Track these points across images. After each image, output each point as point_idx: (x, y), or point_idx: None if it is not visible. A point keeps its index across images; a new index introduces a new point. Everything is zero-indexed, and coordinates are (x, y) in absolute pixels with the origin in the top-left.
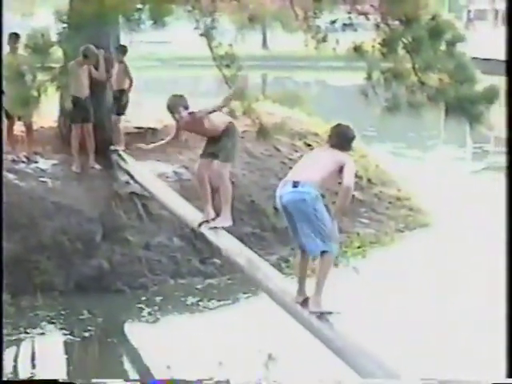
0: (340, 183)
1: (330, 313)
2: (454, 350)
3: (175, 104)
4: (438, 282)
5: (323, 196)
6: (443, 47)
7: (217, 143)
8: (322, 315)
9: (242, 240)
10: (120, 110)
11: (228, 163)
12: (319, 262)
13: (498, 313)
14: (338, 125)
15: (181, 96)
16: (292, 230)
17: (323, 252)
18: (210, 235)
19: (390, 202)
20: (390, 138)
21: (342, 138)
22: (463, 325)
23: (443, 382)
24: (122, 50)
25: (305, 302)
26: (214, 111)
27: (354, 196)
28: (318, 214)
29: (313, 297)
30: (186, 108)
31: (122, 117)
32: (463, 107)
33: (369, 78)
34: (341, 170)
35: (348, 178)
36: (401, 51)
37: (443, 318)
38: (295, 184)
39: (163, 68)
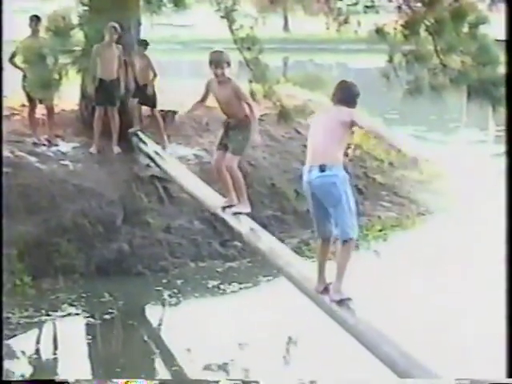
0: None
1: (351, 299)
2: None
3: (220, 59)
4: (460, 266)
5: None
6: (466, 29)
7: (230, 134)
8: (342, 302)
9: (262, 223)
10: (148, 102)
11: (237, 156)
12: (341, 248)
13: None
14: (343, 81)
15: (223, 52)
16: (317, 217)
17: (346, 240)
18: (232, 221)
19: (411, 186)
20: (412, 121)
21: (346, 93)
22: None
23: (475, 382)
24: (144, 44)
25: (325, 290)
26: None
27: (375, 179)
28: (348, 198)
29: (334, 284)
30: (229, 65)
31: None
32: (486, 90)
33: (390, 60)
34: (352, 125)
35: (368, 128)
36: (423, 33)
37: (463, 301)
38: (322, 168)
39: (184, 51)
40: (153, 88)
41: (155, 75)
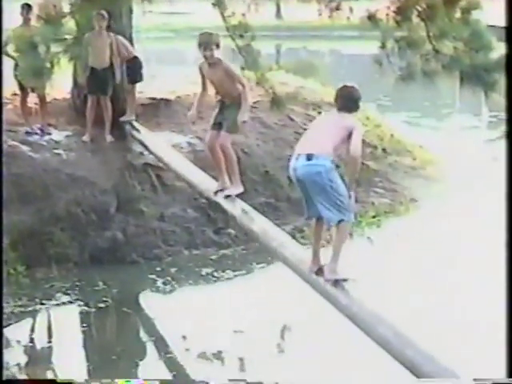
0: (345, 147)
1: (346, 280)
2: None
3: (208, 41)
4: (453, 252)
5: (338, 166)
6: (458, 15)
7: (224, 113)
8: (337, 282)
9: (256, 210)
10: (133, 78)
11: (230, 135)
12: (335, 230)
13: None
14: (344, 86)
15: (212, 33)
16: (307, 202)
17: (340, 221)
18: (225, 204)
19: (405, 172)
20: (405, 107)
21: (348, 100)
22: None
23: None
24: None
25: (320, 270)
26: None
27: (368, 166)
28: (334, 185)
29: (329, 264)
30: (218, 46)
31: (138, 87)
32: (478, 75)
33: (383, 46)
34: (350, 135)
35: (355, 147)
36: (415, 19)
37: (455, 288)
38: (309, 157)
39: (177, 39)
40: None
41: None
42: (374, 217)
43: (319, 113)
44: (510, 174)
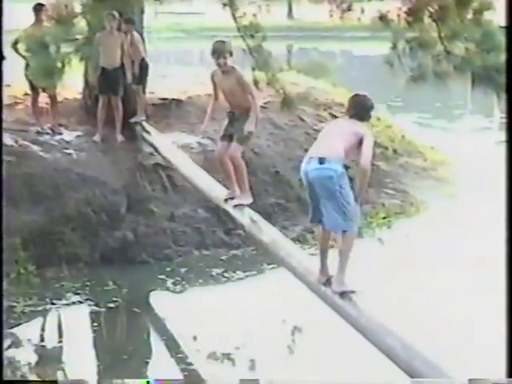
0: (355, 154)
1: (354, 292)
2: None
3: (222, 49)
4: (463, 254)
5: (348, 167)
6: (470, 15)
7: (234, 124)
8: (345, 294)
9: (266, 211)
10: (138, 80)
11: (241, 146)
12: (341, 241)
13: None
14: (356, 95)
15: (225, 41)
16: (313, 206)
17: (344, 231)
18: (234, 213)
19: (415, 173)
20: (416, 108)
21: (360, 108)
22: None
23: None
24: (130, 21)
25: (328, 281)
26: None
27: (379, 166)
28: (343, 192)
29: (336, 276)
30: (231, 54)
31: (149, 87)
32: (490, 76)
33: (394, 47)
34: (361, 142)
35: (365, 158)
36: (427, 20)
37: (468, 291)
38: (321, 160)
39: (188, 39)
40: (139, 65)
41: (142, 53)
42: (384, 218)
43: (330, 113)
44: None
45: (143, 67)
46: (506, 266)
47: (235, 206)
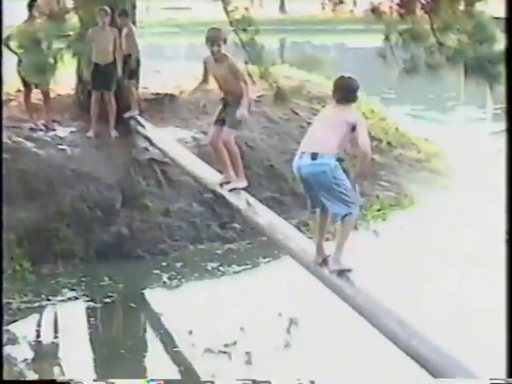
0: (350, 140)
1: (350, 270)
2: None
3: (217, 36)
4: (459, 245)
5: (342, 160)
6: (462, 7)
7: (227, 109)
8: (342, 273)
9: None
10: (131, 75)
11: (234, 130)
12: (340, 224)
13: None
14: (341, 77)
15: (220, 28)
16: (311, 198)
17: (345, 215)
18: (230, 197)
19: (409, 165)
20: (409, 100)
21: (346, 90)
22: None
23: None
24: (124, 13)
25: (324, 262)
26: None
27: (373, 159)
28: (339, 182)
29: (333, 255)
30: (225, 42)
31: (142, 83)
32: (482, 67)
33: (387, 39)
34: (353, 129)
35: (364, 143)
36: (419, 12)
37: (461, 280)
38: (314, 156)
39: (181, 34)
40: (135, 59)
41: (137, 48)
42: (379, 210)
43: (324, 106)
44: (510, 169)
45: (139, 60)
46: (506, 257)
47: (231, 190)
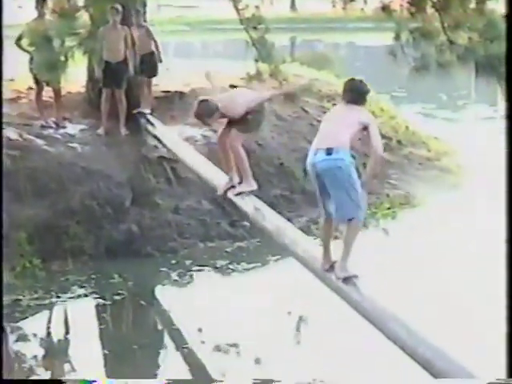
0: (360, 139)
1: (357, 276)
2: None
3: (203, 113)
4: (469, 244)
5: (354, 157)
6: (473, 5)
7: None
8: (348, 279)
9: (271, 202)
10: (150, 72)
11: (242, 134)
12: (347, 228)
13: None
14: (351, 80)
15: (207, 101)
16: (321, 198)
17: (351, 219)
18: (238, 201)
19: (420, 163)
20: (420, 99)
21: (356, 94)
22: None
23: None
24: (139, 13)
25: (331, 267)
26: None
27: (383, 157)
28: (352, 181)
29: (339, 262)
30: (218, 109)
31: (153, 80)
32: (493, 66)
33: (397, 38)
34: (364, 129)
35: (376, 145)
36: (429, 10)
37: (472, 281)
38: (329, 151)
39: (191, 32)
40: (155, 59)
41: (156, 44)
42: (388, 208)
43: (334, 104)
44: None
45: (154, 60)
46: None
47: (237, 194)
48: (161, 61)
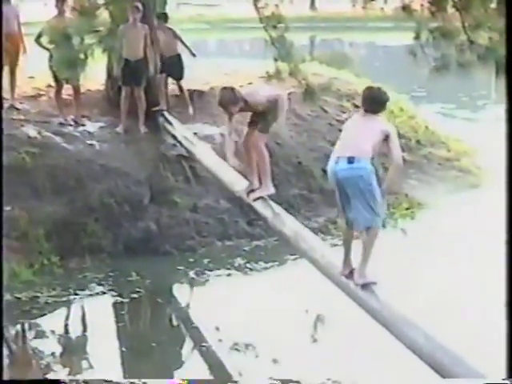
0: (380, 148)
1: (375, 283)
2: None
3: (228, 100)
4: (488, 245)
5: (373, 164)
6: (494, 4)
7: (260, 113)
8: (367, 286)
9: (289, 202)
10: (175, 74)
11: (264, 134)
12: (365, 235)
13: None
14: (369, 88)
15: (232, 89)
16: (341, 204)
17: (369, 226)
18: (257, 205)
19: (439, 164)
20: (440, 99)
21: (376, 102)
22: None
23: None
24: (163, 17)
25: (350, 274)
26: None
27: (402, 157)
28: (372, 188)
29: (358, 268)
30: (242, 98)
31: (169, 79)
32: None
33: (417, 37)
34: (385, 138)
35: (397, 154)
36: (450, 9)
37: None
38: (350, 160)
39: (211, 30)
40: (180, 60)
41: (184, 44)
42: (407, 209)
43: (353, 104)
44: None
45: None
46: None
47: (256, 198)
48: (194, 55)
